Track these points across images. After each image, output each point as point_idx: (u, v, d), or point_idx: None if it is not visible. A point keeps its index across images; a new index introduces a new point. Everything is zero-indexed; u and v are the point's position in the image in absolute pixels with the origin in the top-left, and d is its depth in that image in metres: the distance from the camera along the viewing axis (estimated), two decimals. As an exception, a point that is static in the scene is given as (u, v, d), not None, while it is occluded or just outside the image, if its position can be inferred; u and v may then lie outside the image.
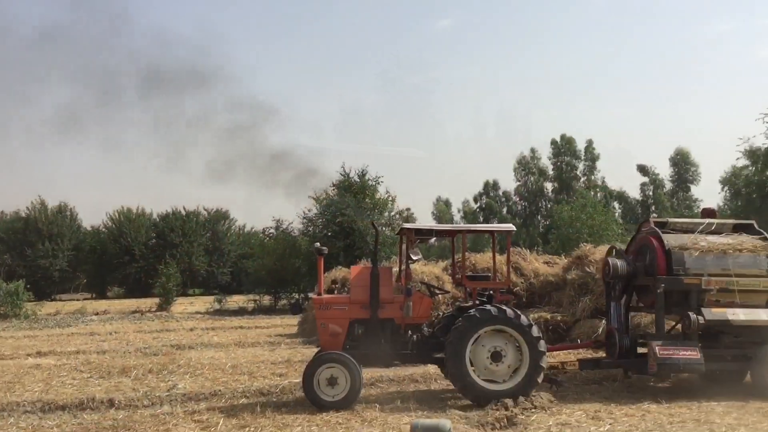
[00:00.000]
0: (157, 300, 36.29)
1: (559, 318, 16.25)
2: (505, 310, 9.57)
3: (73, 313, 32.58)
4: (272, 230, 39.56)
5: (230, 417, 9.05)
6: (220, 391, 10.98)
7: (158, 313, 32.64)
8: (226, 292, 46.17)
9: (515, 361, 9.58)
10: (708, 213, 12.43)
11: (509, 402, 9.14)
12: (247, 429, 8.41)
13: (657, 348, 10.05)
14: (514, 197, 70.46)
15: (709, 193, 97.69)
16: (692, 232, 11.05)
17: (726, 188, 36.92)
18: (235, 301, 38.47)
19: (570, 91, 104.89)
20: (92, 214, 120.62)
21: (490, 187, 71.71)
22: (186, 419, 9.10)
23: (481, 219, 67.77)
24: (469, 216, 69.48)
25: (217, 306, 36.15)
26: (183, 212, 67.56)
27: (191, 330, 22.94)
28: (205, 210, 70.05)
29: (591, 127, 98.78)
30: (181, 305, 38.14)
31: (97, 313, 32.97)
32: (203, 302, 41.82)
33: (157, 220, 67.53)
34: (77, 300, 50.63)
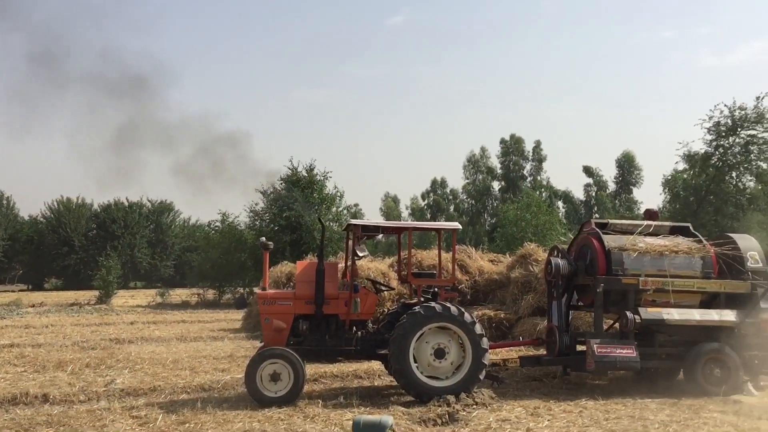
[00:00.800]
0: (96, 293, 35.40)
1: (502, 315, 16.50)
2: (449, 308, 9.65)
3: (7, 305, 31.46)
4: (218, 223, 39.06)
5: (170, 413, 8.89)
6: (159, 386, 10.79)
7: (97, 306, 31.84)
8: (169, 286, 45.42)
9: (458, 358, 9.69)
10: (650, 214, 12.78)
11: (451, 398, 9.24)
12: (187, 425, 8.27)
13: (595, 346, 10.30)
14: (461, 195, 71.14)
15: (650, 195, 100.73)
16: (631, 233, 11.36)
17: (666, 191, 38.10)
18: (179, 294, 37.86)
19: (521, 91, 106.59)
20: (30, 204, 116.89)
21: (438, 185, 72.28)
22: (124, 415, 8.90)
23: (429, 216, 68.22)
24: (416, 213, 69.89)
25: (159, 299, 35.51)
26: (125, 203, 66.11)
27: (132, 324, 22.46)
28: (149, 201, 68.76)
29: (542, 127, 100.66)
30: (122, 298, 37.33)
31: (33, 306, 31.96)
32: (145, 295, 41.01)
33: (98, 210, 65.88)
34: (12, 291, 49.02)
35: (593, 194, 67.78)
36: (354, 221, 10.59)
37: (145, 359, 13.70)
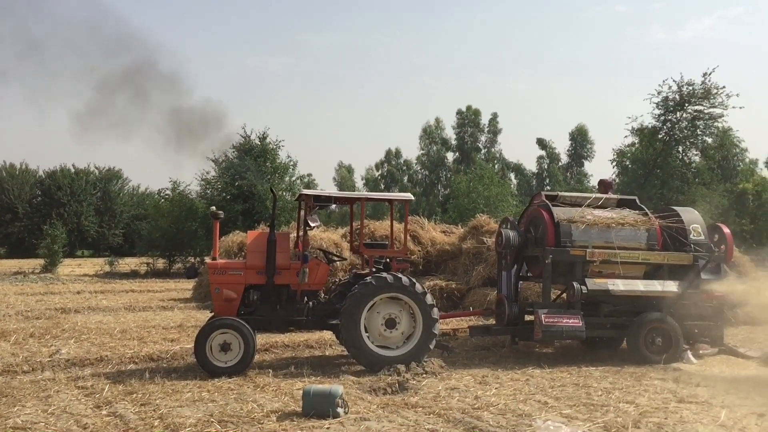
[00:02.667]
0: (41, 261, 34.48)
1: (453, 286, 16.71)
2: (400, 278, 9.70)
3: (-53, 274, 30.50)
4: (168, 192, 38.34)
5: (117, 383, 8.76)
6: (106, 356, 10.61)
7: (42, 274, 31.02)
8: (118, 255, 44.57)
9: (409, 327, 9.77)
10: (605, 184, 12.95)
11: (401, 368, 9.33)
12: (134, 395, 8.16)
13: (543, 316, 10.50)
14: (415, 166, 71.23)
15: (601, 168, 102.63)
16: (580, 206, 11.55)
17: (615, 164, 38.91)
18: (127, 263, 37.17)
19: (478, 63, 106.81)
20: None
21: (392, 156, 72.17)
22: (69, 385, 8.75)
23: (383, 187, 68.24)
24: (370, 183, 69.80)
25: (107, 268, 34.82)
26: (72, 170, 64.29)
27: (78, 293, 21.99)
28: (96, 168, 67.06)
29: (498, 99, 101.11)
30: (68, 267, 36.46)
31: (-26, 274, 31.02)
32: (92, 264, 40.17)
33: (43, 177, 63.95)
34: (-48, 260, 47.38)
35: (545, 167, 68.65)
36: (306, 191, 10.50)
37: (91, 329, 13.45)
